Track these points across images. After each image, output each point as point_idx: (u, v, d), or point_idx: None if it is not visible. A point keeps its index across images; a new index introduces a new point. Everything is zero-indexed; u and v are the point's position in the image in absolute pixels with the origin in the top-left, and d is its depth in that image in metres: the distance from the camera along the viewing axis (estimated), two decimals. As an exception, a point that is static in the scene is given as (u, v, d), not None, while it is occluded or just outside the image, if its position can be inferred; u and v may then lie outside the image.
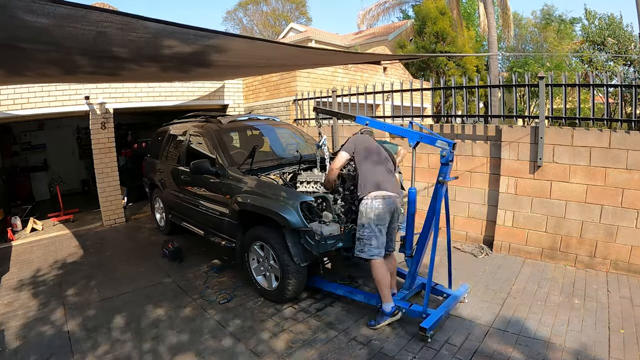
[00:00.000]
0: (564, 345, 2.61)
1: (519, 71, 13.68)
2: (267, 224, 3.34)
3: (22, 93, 5.43)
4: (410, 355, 2.57)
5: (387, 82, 6.30)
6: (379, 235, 2.87)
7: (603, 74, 5.80)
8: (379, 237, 2.88)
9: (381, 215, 2.85)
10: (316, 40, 18.11)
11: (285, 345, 2.76)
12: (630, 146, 3.56)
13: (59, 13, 1.89)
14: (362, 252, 2.90)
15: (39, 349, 2.81)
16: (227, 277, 4.00)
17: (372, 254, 2.87)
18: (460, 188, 4.71)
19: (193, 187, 4.45)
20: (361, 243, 2.90)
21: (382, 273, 2.87)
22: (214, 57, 3.43)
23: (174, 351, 2.73)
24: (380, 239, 2.88)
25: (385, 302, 2.89)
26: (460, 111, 9.84)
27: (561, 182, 3.94)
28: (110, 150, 6.28)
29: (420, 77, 9.64)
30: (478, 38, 17.73)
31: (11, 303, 3.60)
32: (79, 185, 9.82)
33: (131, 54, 3.00)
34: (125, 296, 3.66)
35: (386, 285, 2.88)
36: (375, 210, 2.85)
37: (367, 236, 2.87)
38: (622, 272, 3.67)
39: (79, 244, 5.43)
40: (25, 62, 2.99)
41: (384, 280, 2.87)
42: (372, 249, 2.87)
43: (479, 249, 4.42)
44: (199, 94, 7.21)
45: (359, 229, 2.92)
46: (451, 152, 2.75)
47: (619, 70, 11.18)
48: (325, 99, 6.25)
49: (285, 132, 5.08)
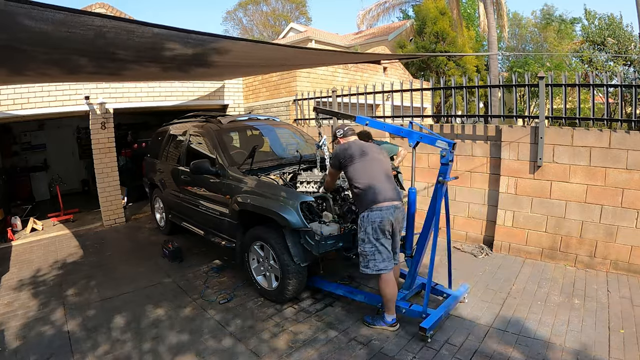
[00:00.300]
0: (564, 345, 2.61)
1: (519, 71, 13.68)
2: (267, 224, 3.34)
3: (22, 93, 5.43)
4: (410, 355, 2.57)
5: (387, 82, 6.30)
6: (382, 249, 2.73)
7: (603, 74, 5.80)
8: (383, 251, 2.73)
9: (381, 228, 2.70)
10: (316, 40, 18.10)
11: (286, 345, 2.76)
12: (630, 146, 3.56)
13: (58, 19, 1.89)
14: (367, 267, 2.76)
15: (39, 349, 2.81)
16: (227, 277, 4.00)
17: (379, 269, 2.73)
18: (460, 188, 4.71)
19: (193, 187, 4.45)
20: (365, 259, 2.77)
21: (390, 288, 2.76)
22: (214, 58, 3.44)
23: (174, 351, 2.73)
24: (384, 253, 2.74)
25: (388, 314, 2.86)
26: (460, 111, 9.84)
27: (561, 182, 3.94)
28: (110, 150, 6.28)
29: (420, 77, 9.64)
30: (478, 38, 17.73)
31: (11, 303, 3.60)
32: (79, 185, 9.82)
33: (133, 55, 3.01)
34: (125, 296, 3.66)
35: (392, 301, 2.82)
36: (373, 224, 2.69)
37: (369, 252, 2.73)
38: (622, 272, 3.67)
39: (79, 244, 5.43)
40: (26, 62, 3.00)
41: (391, 296, 2.78)
42: (378, 263, 2.73)
43: (479, 249, 4.42)
44: (199, 94, 7.21)
45: (360, 244, 2.80)
46: (451, 152, 2.75)
47: (619, 70, 11.17)
48: (325, 99, 6.25)
49: (285, 132, 5.08)
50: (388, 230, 2.74)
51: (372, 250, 2.73)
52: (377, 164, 2.86)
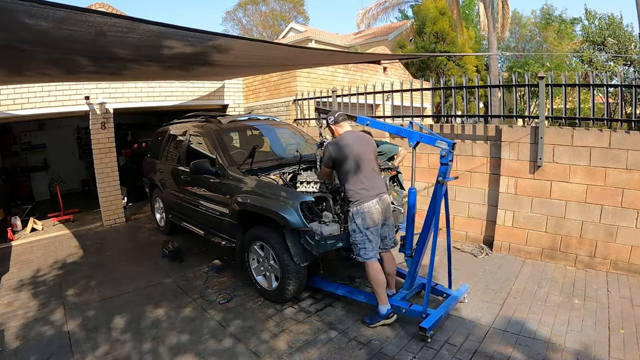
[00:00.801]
0: (564, 345, 2.61)
1: (519, 71, 13.67)
2: (267, 224, 3.34)
3: (22, 93, 5.43)
4: (410, 356, 2.57)
5: (387, 82, 6.30)
6: (372, 237, 2.89)
7: (603, 74, 5.80)
8: (372, 240, 2.89)
9: (371, 218, 2.86)
10: (316, 40, 18.11)
11: (286, 345, 2.76)
12: (630, 146, 3.56)
13: (58, 16, 1.89)
14: (358, 255, 2.94)
15: (38, 349, 2.81)
16: (227, 277, 4.00)
17: (368, 257, 2.90)
18: (460, 188, 4.71)
19: (193, 187, 4.45)
20: (356, 248, 2.93)
21: (374, 272, 2.89)
22: (215, 57, 3.44)
23: (174, 351, 2.73)
24: (374, 242, 2.90)
25: (381, 304, 2.90)
26: (460, 111, 9.85)
27: (561, 182, 3.94)
28: (110, 150, 6.28)
29: (420, 77, 9.64)
30: (478, 38, 17.74)
31: (11, 303, 3.60)
32: (79, 185, 9.82)
33: (133, 54, 3.01)
34: (125, 296, 3.66)
35: (380, 285, 2.89)
36: (363, 214, 2.85)
37: (360, 241, 2.89)
38: (622, 272, 3.67)
39: (79, 244, 5.43)
40: (26, 62, 3.00)
41: (377, 280, 2.89)
42: (368, 252, 2.89)
43: (479, 249, 4.42)
44: (199, 94, 7.21)
45: (352, 234, 2.94)
46: (451, 152, 2.75)
47: (619, 70, 11.17)
48: (325, 99, 6.25)
49: (285, 132, 5.08)
50: (378, 219, 2.91)
51: (363, 239, 2.89)
52: (365, 157, 2.95)
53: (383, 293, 2.90)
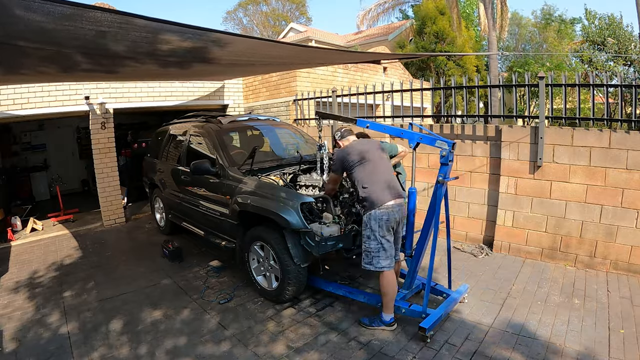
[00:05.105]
0: (564, 345, 2.61)
1: (519, 71, 13.67)
2: (267, 225, 3.34)
3: (22, 93, 5.43)
4: (410, 356, 2.57)
5: (387, 82, 6.30)
6: (388, 245, 2.78)
7: (603, 74, 5.79)
8: (388, 248, 2.78)
9: (387, 225, 2.75)
10: (316, 40, 18.10)
11: (285, 345, 2.76)
12: (630, 146, 3.56)
13: (53, 11, 1.88)
14: (370, 264, 2.79)
15: (37, 350, 2.81)
16: (227, 277, 4.00)
17: (382, 266, 2.77)
18: (460, 188, 4.71)
19: (193, 188, 4.45)
20: (369, 256, 2.79)
21: (391, 286, 2.79)
22: (214, 53, 3.40)
23: (174, 351, 2.73)
24: (388, 251, 2.78)
25: (386, 313, 2.87)
26: (460, 111, 9.85)
27: (561, 182, 3.94)
28: (110, 150, 6.28)
29: (420, 77, 9.63)
30: (478, 38, 17.73)
31: (10, 304, 3.59)
32: (79, 185, 9.82)
33: (128, 50, 2.96)
34: (125, 296, 3.66)
35: (391, 297, 2.83)
36: (380, 221, 2.73)
37: (374, 249, 2.76)
38: (622, 272, 3.67)
39: (79, 244, 5.42)
40: (20, 59, 2.96)
41: (389, 292, 2.80)
42: (381, 261, 2.76)
43: (479, 249, 4.42)
44: (199, 94, 7.21)
45: (365, 241, 2.81)
46: (451, 152, 2.75)
47: (619, 70, 11.16)
48: (325, 99, 6.25)
49: (286, 132, 5.08)
50: (393, 227, 2.81)
51: (377, 247, 2.77)
52: (379, 162, 2.91)
53: (391, 302, 2.84)
